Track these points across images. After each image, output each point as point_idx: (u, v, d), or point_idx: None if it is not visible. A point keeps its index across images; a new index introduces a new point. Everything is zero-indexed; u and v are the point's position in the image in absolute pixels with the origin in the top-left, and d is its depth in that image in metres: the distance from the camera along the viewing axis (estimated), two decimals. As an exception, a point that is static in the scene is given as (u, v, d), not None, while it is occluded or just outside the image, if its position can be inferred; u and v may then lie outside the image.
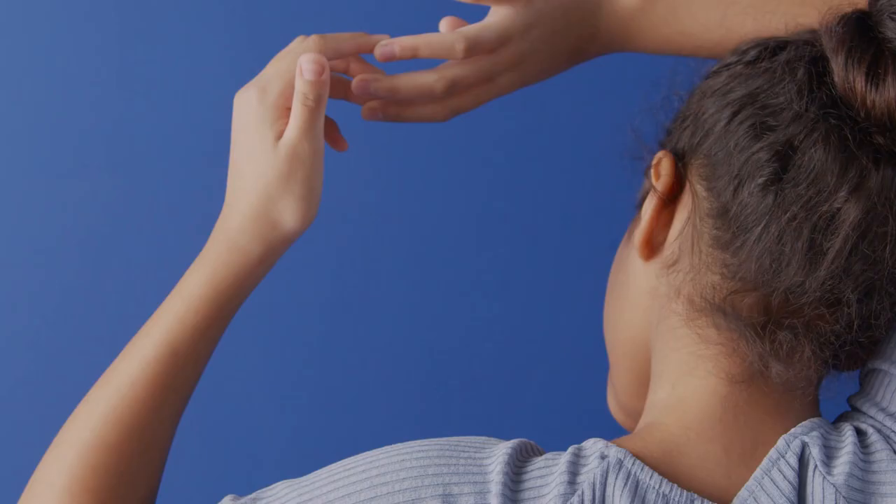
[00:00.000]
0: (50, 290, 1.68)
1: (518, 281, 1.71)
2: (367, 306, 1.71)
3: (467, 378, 1.72)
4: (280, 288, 1.66)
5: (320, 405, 1.72)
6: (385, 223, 1.70)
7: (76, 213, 1.66)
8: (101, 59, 1.65)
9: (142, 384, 1.01)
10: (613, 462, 0.90)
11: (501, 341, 1.72)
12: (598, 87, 1.56)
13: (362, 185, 1.67)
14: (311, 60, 1.00)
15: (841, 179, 0.90)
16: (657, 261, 0.98)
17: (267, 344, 1.70)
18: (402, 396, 1.72)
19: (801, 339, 0.92)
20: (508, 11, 1.07)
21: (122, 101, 1.66)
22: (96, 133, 1.66)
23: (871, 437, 0.93)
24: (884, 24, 0.91)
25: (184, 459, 1.64)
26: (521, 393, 1.72)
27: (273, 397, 1.71)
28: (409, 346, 1.72)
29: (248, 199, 1.01)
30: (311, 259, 1.67)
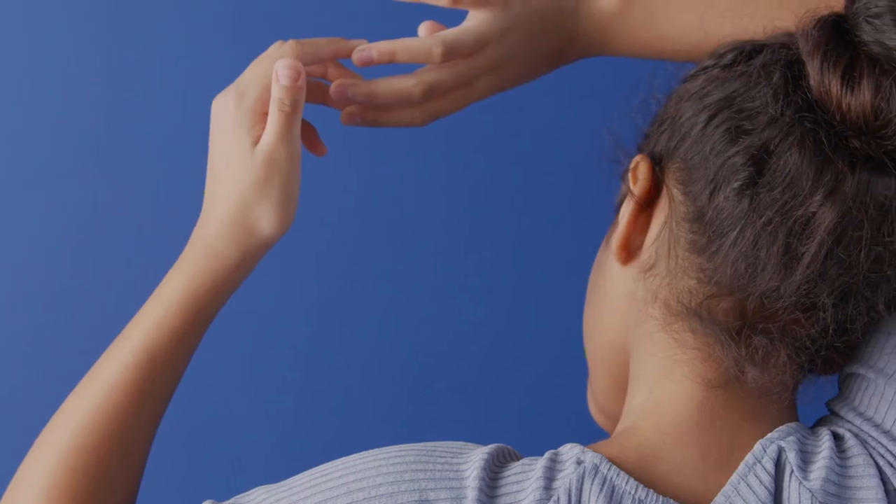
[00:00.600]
0: (48, 291, 1.68)
1: (503, 284, 1.71)
2: (352, 310, 1.71)
3: (454, 381, 1.72)
4: (265, 292, 1.66)
5: (305, 409, 1.72)
6: (370, 227, 1.70)
7: (73, 215, 1.67)
8: (98, 60, 1.65)
9: (120, 389, 1.01)
10: (589, 467, 0.90)
11: (487, 344, 1.72)
12: (579, 91, 1.56)
13: (348, 188, 1.67)
14: (287, 66, 1.00)
15: (816, 183, 0.90)
16: (634, 265, 0.98)
17: (252, 347, 1.70)
18: (387, 400, 1.72)
19: (776, 343, 0.92)
20: (486, 15, 1.06)
21: (119, 103, 1.66)
22: (94, 135, 1.66)
23: (848, 441, 0.93)
24: (860, 27, 0.91)
25: (165, 463, 1.64)
26: (507, 396, 1.72)
27: (257, 401, 1.71)
28: (394, 349, 1.72)
29: (226, 204, 1.01)
30: (297, 263, 1.67)
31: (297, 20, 1.65)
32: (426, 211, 1.70)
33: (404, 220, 1.70)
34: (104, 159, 1.67)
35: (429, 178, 1.68)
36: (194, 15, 1.66)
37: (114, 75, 1.66)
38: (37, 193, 1.66)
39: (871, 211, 0.90)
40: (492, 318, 1.72)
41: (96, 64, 1.65)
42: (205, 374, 1.66)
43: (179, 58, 1.66)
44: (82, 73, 1.65)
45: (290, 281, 1.69)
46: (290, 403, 1.71)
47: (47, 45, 1.65)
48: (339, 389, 1.71)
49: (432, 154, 1.65)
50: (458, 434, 1.63)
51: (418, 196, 1.69)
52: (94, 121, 1.66)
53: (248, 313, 1.65)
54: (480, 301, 1.71)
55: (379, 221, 1.70)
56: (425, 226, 1.70)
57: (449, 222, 1.70)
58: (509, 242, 1.71)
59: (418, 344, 1.71)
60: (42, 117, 1.66)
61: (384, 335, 1.72)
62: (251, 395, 1.70)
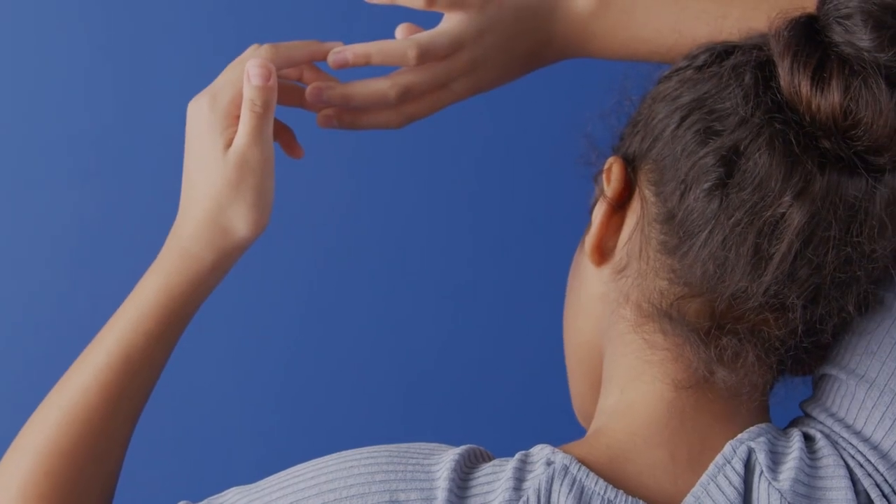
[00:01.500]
0: (46, 293, 1.68)
1: (492, 285, 1.71)
2: (339, 311, 1.71)
3: (442, 382, 1.73)
4: (255, 293, 1.66)
5: (292, 410, 1.72)
6: (354, 229, 1.71)
7: (73, 217, 1.67)
8: (96, 61, 1.66)
9: (95, 391, 1.02)
10: (559, 468, 0.90)
11: (475, 345, 1.72)
12: (558, 92, 1.56)
13: (332, 190, 1.67)
14: (258, 65, 1.00)
15: (785, 184, 0.89)
16: (608, 266, 0.97)
17: (240, 348, 1.70)
18: (376, 401, 1.73)
19: (745, 344, 0.92)
20: (461, 17, 1.07)
21: (117, 104, 1.67)
22: (94, 136, 1.67)
23: (818, 442, 0.93)
24: (831, 27, 0.91)
25: (156, 463, 1.65)
26: (496, 396, 1.72)
27: (244, 403, 1.71)
28: (381, 350, 1.72)
29: (200, 206, 1.02)
30: (287, 264, 1.68)
31: (295, 22, 1.65)
32: (413, 212, 1.70)
33: (392, 221, 1.70)
34: (104, 160, 1.67)
35: (407, 179, 1.68)
36: (192, 18, 1.67)
37: (112, 76, 1.67)
38: (36, 195, 1.67)
39: (840, 211, 0.89)
40: (481, 319, 1.72)
41: (92, 65, 1.66)
42: (194, 375, 1.67)
43: (178, 61, 1.67)
44: (81, 73, 1.66)
45: (279, 282, 1.69)
46: (276, 404, 1.71)
47: (47, 45, 1.65)
48: (328, 390, 1.72)
49: (413, 157, 1.65)
50: (448, 434, 1.64)
51: (406, 197, 1.69)
52: (94, 122, 1.67)
53: (236, 313, 1.65)
54: (470, 302, 1.71)
55: (365, 223, 1.70)
56: (413, 227, 1.70)
57: (432, 223, 1.71)
58: (493, 243, 1.71)
59: (406, 345, 1.72)
60: (41, 118, 1.66)
61: (372, 336, 1.72)
62: (239, 396, 1.71)
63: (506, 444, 0.98)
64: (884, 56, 0.89)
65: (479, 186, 1.70)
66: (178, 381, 1.65)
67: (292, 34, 1.10)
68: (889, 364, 0.93)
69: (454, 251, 1.72)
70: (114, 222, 1.68)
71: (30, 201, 1.67)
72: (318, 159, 1.55)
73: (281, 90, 1.06)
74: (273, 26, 1.63)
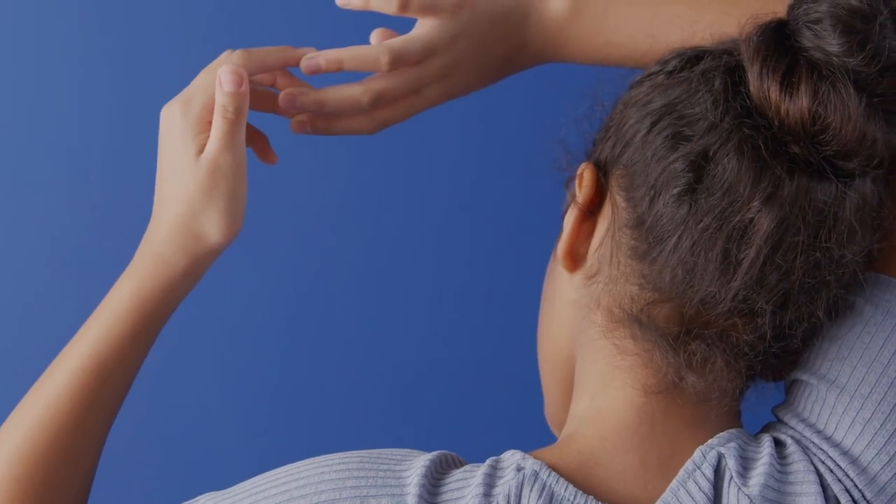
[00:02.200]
0: (38, 295, 1.68)
1: (474, 289, 1.72)
2: (324, 315, 1.71)
3: (434, 385, 1.73)
4: (237, 297, 1.67)
5: (278, 414, 1.72)
6: (339, 233, 1.71)
7: (66, 219, 1.67)
8: (87, 66, 1.66)
9: (67, 395, 1.02)
10: (529, 474, 0.90)
11: (461, 350, 1.72)
12: (535, 97, 1.56)
13: (317, 195, 1.68)
14: (230, 72, 1.00)
15: (754, 189, 0.89)
16: (580, 272, 0.98)
17: (228, 351, 1.71)
18: (362, 404, 1.73)
19: (713, 349, 0.92)
20: (434, 23, 1.07)
21: (114, 106, 1.67)
22: (89, 137, 1.67)
23: (789, 447, 0.93)
24: (800, 32, 0.91)
25: (135, 465, 1.65)
26: (482, 400, 1.72)
27: (228, 407, 1.71)
28: (367, 353, 1.73)
29: (173, 211, 1.02)
30: (269, 267, 1.68)
31: (278, 26, 1.65)
32: (391, 217, 1.71)
33: (373, 226, 1.71)
34: (100, 161, 1.67)
35: (382, 183, 1.69)
36: (191, 19, 1.67)
37: (108, 78, 1.66)
38: (31, 197, 1.67)
39: (809, 216, 0.89)
40: (467, 322, 1.72)
41: (87, 67, 1.66)
42: (187, 377, 1.68)
43: (173, 64, 1.67)
44: (76, 74, 1.66)
45: (267, 286, 1.69)
46: (267, 407, 1.72)
47: (45, 46, 1.66)
48: (317, 393, 1.72)
49: (387, 159, 1.66)
50: (438, 436, 1.64)
51: (383, 202, 1.70)
52: (93, 122, 1.67)
53: (226, 315, 1.66)
54: (460, 304, 1.72)
55: (349, 228, 1.70)
56: (391, 231, 1.71)
57: (411, 228, 1.71)
58: (475, 248, 1.71)
59: (393, 348, 1.72)
60: (39, 119, 1.66)
61: (359, 339, 1.73)
62: (229, 399, 1.71)
63: (494, 448, 0.98)
64: (853, 61, 0.89)
65: (459, 189, 1.70)
66: (168, 384, 1.66)
67: (276, 37, 1.10)
68: (860, 369, 0.93)
69: (437, 255, 1.72)
70: (110, 224, 1.67)
71: (24, 203, 1.67)
72: (306, 162, 1.56)
73: (254, 96, 1.06)
74: (258, 30, 1.63)
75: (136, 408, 1.64)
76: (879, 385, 0.92)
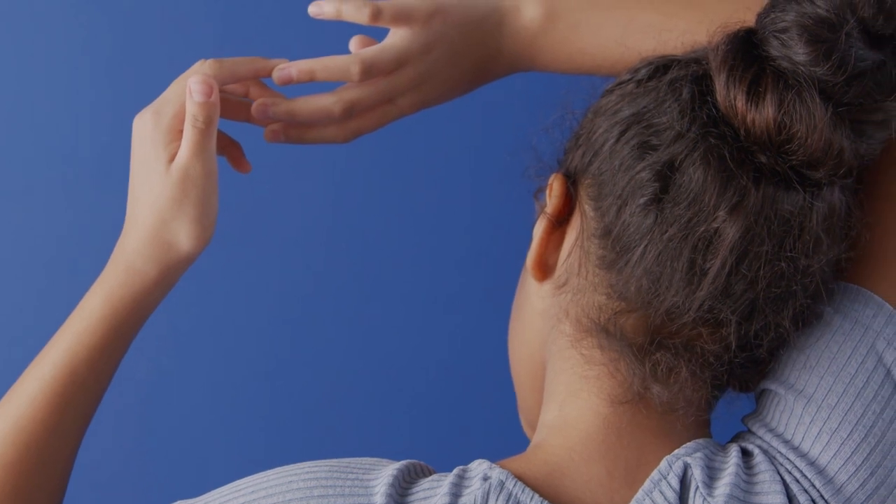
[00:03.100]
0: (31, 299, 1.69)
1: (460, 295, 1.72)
2: (313, 324, 1.71)
3: (426, 390, 1.73)
4: (227, 302, 1.67)
5: (271, 418, 1.73)
6: (332, 237, 1.72)
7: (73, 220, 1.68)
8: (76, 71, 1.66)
9: (39, 403, 1.02)
10: (495, 483, 0.90)
11: (459, 351, 1.73)
12: (510, 105, 1.56)
13: (301, 203, 1.68)
14: (199, 82, 1.01)
15: (720, 199, 0.89)
16: (550, 282, 0.98)
17: (215, 355, 1.71)
18: (360, 409, 1.73)
19: (679, 359, 0.92)
20: (406, 33, 1.07)
21: (110, 109, 1.67)
22: (85, 140, 1.67)
23: (756, 457, 0.93)
24: (768, 41, 0.91)
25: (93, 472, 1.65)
26: (471, 407, 1.72)
27: (211, 412, 1.72)
28: (363, 358, 1.73)
29: (144, 220, 1.02)
30: (255, 271, 1.68)
31: (290, 34, 1.66)
32: (368, 224, 1.71)
33: (355, 234, 1.71)
34: (95, 164, 1.68)
35: (353, 191, 1.69)
36: (190, 22, 1.67)
37: (104, 81, 1.67)
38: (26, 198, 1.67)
39: (774, 226, 0.89)
40: (460, 326, 1.73)
41: (76, 72, 1.67)
42: (182, 379, 1.68)
43: (162, 71, 1.67)
44: (70, 85, 1.67)
45: (260, 288, 1.70)
46: (255, 413, 1.72)
47: (42, 48, 1.66)
48: (306, 399, 1.73)
49: (358, 167, 1.66)
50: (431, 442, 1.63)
51: (352, 209, 1.70)
52: (89, 124, 1.67)
53: (216, 319, 1.67)
54: (451, 309, 1.72)
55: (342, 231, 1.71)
56: (398, 232, 1.71)
57: (404, 232, 1.71)
58: (458, 252, 1.72)
59: (390, 352, 1.73)
60: (35, 120, 1.67)
61: (349, 344, 1.73)
62: (221, 402, 1.72)
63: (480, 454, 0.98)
64: (819, 70, 0.89)
65: (445, 194, 1.71)
66: (167, 386, 1.67)
67: (259, 46, 1.10)
68: (827, 379, 0.93)
69: (429, 259, 1.73)
70: (93, 229, 1.68)
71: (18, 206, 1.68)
72: (305, 164, 1.56)
73: (228, 105, 1.07)
74: (240, 40, 1.64)
75: (137, 411, 1.67)
76: (847, 395, 0.92)
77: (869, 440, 0.91)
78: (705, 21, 0.99)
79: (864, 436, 0.91)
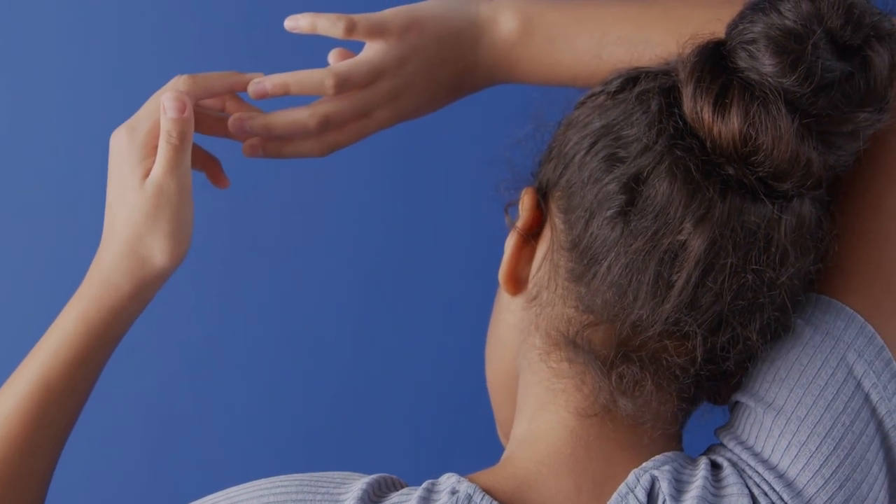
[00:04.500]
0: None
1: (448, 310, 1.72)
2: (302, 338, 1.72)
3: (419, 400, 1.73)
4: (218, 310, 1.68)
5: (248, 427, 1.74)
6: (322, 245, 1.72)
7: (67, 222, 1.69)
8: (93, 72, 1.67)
9: (14, 417, 1.03)
10: (463, 497, 0.90)
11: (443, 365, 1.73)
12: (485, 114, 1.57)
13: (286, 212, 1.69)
14: (173, 98, 1.01)
15: (685, 211, 0.89)
16: (522, 295, 0.97)
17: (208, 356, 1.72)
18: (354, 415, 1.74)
19: (645, 372, 0.91)
20: (381, 46, 1.07)
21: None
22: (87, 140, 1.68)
23: (725, 470, 0.92)
24: (736, 53, 0.90)
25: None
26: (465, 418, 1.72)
27: (205, 415, 1.73)
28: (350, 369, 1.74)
29: (119, 236, 1.03)
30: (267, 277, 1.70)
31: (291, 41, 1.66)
32: (347, 236, 1.72)
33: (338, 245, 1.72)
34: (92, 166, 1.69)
35: (332, 202, 1.70)
36: (188, 23, 1.68)
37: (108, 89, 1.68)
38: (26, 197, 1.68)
39: (740, 238, 0.89)
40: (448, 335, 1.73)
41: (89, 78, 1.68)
42: (182, 380, 1.69)
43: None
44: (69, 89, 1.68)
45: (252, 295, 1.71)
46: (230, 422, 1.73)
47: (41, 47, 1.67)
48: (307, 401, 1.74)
49: (337, 179, 1.67)
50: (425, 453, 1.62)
51: (330, 223, 1.71)
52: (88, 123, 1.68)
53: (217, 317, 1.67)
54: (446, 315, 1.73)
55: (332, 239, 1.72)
56: (396, 235, 1.72)
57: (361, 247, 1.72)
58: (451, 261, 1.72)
59: (385, 361, 1.73)
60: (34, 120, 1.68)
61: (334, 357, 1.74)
62: (214, 404, 1.73)
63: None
64: (786, 81, 0.88)
65: (437, 202, 1.71)
66: (168, 388, 1.68)
67: (241, 59, 1.11)
68: (797, 391, 0.92)
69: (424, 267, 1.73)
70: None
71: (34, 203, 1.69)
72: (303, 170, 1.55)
73: (205, 120, 1.07)
74: (224, 52, 1.64)
75: (139, 415, 1.67)
76: (816, 407, 0.92)
77: (838, 452, 0.91)
78: (681, 31, 0.99)
79: (832, 448, 0.91)
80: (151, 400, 1.68)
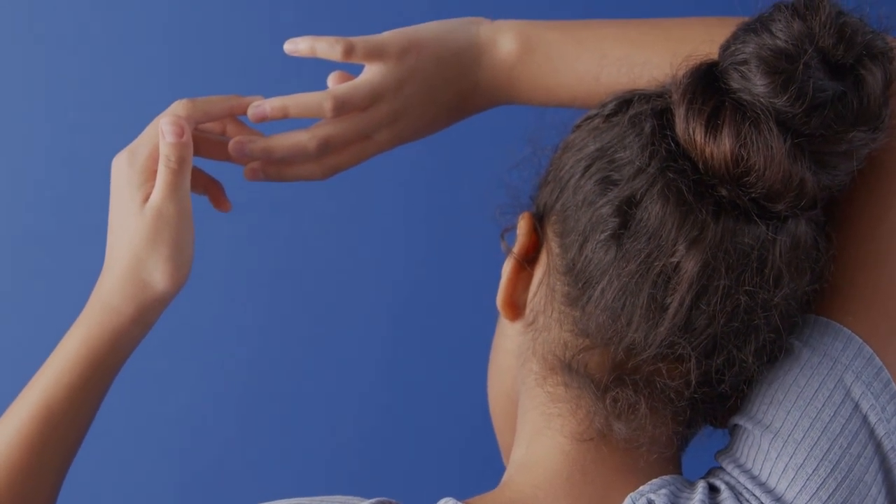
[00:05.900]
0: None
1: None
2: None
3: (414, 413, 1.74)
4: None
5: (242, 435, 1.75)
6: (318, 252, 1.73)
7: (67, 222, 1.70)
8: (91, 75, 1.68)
9: (17, 443, 1.03)
10: (458, 521, 0.90)
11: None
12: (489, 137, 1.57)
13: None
14: (171, 122, 1.02)
15: (678, 233, 0.88)
16: (521, 321, 0.97)
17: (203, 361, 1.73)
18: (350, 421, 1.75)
19: (639, 396, 0.91)
20: (380, 68, 1.07)
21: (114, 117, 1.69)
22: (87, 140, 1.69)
23: (722, 493, 0.91)
24: (728, 73, 0.90)
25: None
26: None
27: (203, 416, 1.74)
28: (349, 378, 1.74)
29: (120, 260, 1.03)
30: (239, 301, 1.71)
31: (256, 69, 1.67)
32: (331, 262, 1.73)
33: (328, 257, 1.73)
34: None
35: (332, 229, 1.70)
36: (188, 24, 1.69)
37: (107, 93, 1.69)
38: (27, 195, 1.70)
39: (733, 260, 0.88)
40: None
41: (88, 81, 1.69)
42: (182, 381, 1.70)
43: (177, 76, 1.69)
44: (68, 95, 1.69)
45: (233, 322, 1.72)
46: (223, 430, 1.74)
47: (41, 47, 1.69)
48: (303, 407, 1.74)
49: (337, 204, 1.67)
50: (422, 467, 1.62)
51: (317, 251, 1.72)
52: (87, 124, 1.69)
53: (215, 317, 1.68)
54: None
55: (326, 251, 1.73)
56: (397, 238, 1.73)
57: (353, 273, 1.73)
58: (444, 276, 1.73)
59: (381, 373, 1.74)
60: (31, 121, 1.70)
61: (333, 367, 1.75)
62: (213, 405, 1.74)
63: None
64: (778, 101, 0.88)
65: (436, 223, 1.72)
66: (166, 389, 1.69)
67: (240, 83, 1.11)
68: (794, 413, 0.91)
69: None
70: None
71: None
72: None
73: (206, 144, 1.07)
74: (224, 75, 1.65)
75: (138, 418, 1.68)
76: (813, 429, 0.91)
77: (835, 475, 0.90)
78: (679, 54, 0.99)
79: (829, 470, 0.90)
80: (158, 418, 1.70)
